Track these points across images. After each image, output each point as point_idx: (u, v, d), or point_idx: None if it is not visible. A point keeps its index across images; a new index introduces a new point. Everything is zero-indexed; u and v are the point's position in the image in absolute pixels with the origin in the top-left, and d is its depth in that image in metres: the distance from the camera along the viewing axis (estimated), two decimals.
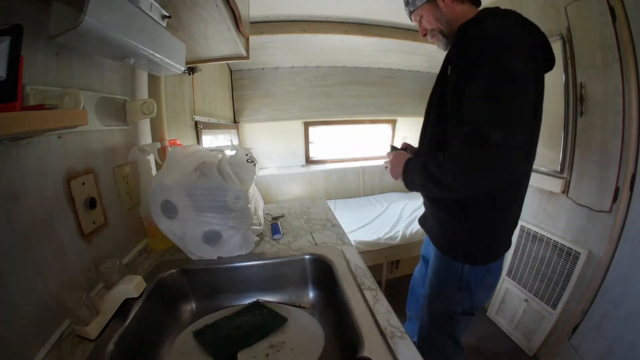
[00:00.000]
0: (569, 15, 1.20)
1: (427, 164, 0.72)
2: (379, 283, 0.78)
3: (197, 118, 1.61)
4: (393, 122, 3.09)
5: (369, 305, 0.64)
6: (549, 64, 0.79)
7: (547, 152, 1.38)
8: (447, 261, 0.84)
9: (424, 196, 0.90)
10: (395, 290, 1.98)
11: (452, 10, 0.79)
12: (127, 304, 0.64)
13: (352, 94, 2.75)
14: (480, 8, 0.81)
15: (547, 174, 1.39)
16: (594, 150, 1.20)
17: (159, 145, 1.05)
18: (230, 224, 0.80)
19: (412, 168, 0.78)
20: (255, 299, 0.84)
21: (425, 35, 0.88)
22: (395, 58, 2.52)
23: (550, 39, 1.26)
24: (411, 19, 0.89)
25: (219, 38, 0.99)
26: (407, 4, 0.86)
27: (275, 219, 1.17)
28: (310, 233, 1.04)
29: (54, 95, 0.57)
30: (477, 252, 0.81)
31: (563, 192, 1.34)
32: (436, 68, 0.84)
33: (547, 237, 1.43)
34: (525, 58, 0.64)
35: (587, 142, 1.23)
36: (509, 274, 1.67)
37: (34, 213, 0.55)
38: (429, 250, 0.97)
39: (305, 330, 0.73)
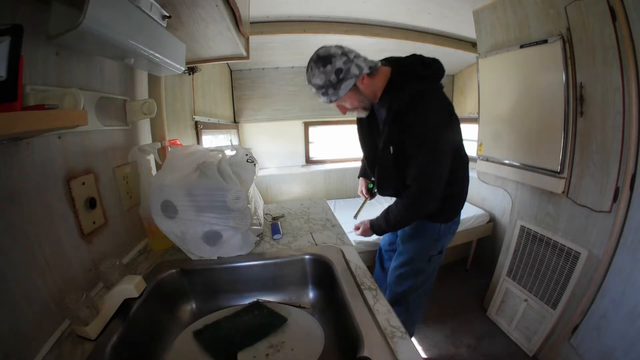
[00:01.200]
0: (569, 15, 1.20)
1: (388, 216, 1.08)
2: None
3: (197, 118, 1.62)
4: None
5: (368, 305, 0.64)
6: (440, 75, 0.98)
7: (547, 152, 1.38)
8: (427, 224, 1.14)
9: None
10: None
11: (370, 87, 0.95)
12: (127, 304, 0.64)
13: None
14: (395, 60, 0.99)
15: (547, 174, 1.39)
16: (594, 150, 1.20)
17: (159, 145, 1.05)
18: (230, 224, 0.80)
19: (377, 224, 1.13)
20: (255, 299, 0.84)
21: (345, 112, 1.04)
22: None
23: (550, 39, 1.27)
24: (329, 104, 0.99)
25: (219, 38, 0.99)
26: (325, 94, 0.93)
27: (275, 219, 1.17)
28: (310, 233, 1.04)
29: (54, 95, 0.57)
30: (447, 215, 1.14)
31: (563, 192, 1.34)
32: None
33: (547, 237, 1.43)
34: (446, 138, 0.93)
35: (587, 142, 1.23)
36: (509, 274, 1.67)
37: (34, 213, 0.55)
38: None
39: (305, 330, 0.73)
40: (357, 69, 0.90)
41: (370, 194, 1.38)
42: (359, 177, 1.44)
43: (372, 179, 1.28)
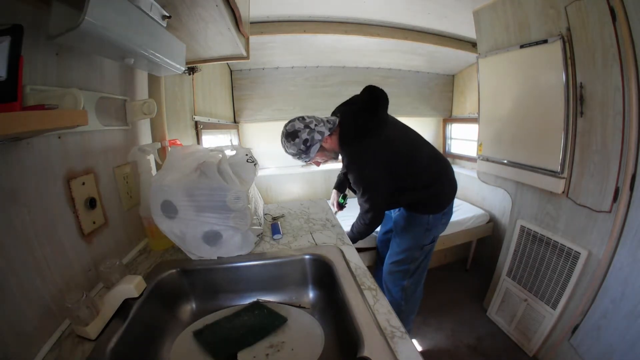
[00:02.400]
0: (569, 15, 1.20)
1: (352, 230, 1.32)
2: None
3: (197, 118, 1.61)
4: None
5: (369, 305, 0.64)
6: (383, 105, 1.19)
7: (547, 152, 1.38)
8: (416, 216, 1.31)
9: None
10: None
11: (332, 143, 1.20)
12: (127, 304, 0.64)
13: (352, 94, 2.75)
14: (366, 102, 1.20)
15: (547, 174, 1.39)
16: (594, 150, 1.20)
17: (159, 145, 1.05)
18: (230, 224, 0.80)
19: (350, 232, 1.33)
20: (255, 299, 0.84)
21: (319, 165, 1.32)
22: (395, 58, 2.52)
23: (550, 39, 1.27)
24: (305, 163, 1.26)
25: (219, 38, 0.99)
26: (299, 158, 1.20)
27: (275, 219, 1.17)
28: (310, 233, 1.04)
29: (54, 95, 0.57)
30: (432, 209, 1.29)
31: (563, 192, 1.34)
32: (436, 68, 0.87)
33: (547, 237, 1.43)
34: (381, 170, 1.15)
35: (587, 142, 1.23)
36: (509, 274, 1.67)
37: (34, 213, 0.55)
38: (397, 216, 1.42)
39: (305, 330, 0.73)
40: (319, 134, 1.14)
41: (340, 207, 1.55)
42: (333, 189, 1.61)
43: (345, 192, 1.54)
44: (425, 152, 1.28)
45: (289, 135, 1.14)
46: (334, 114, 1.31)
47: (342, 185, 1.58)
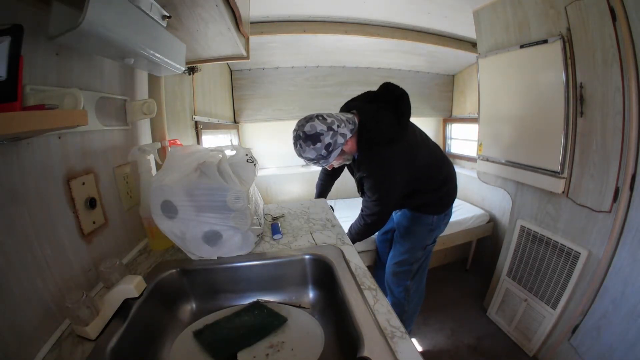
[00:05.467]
0: (569, 15, 1.20)
1: (350, 231, 1.26)
2: None
3: (197, 118, 1.62)
4: None
5: (369, 305, 0.64)
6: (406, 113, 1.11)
7: (547, 152, 1.38)
8: (421, 216, 1.31)
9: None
10: None
11: (351, 146, 1.08)
12: (127, 304, 0.64)
13: (352, 94, 2.74)
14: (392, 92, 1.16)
15: (547, 174, 1.39)
16: (594, 150, 1.20)
17: (159, 145, 1.05)
18: (230, 224, 0.80)
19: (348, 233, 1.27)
20: (255, 299, 0.84)
21: (332, 168, 1.24)
22: (395, 58, 2.52)
23: (550, 39, 1.27)
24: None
25: (219, 38, 0.99)
26: (316, 164, 1.08)
27: (275, 219, 1.16)
28: (310, 233, 1.03)
29: (54, 95, 0.57)
30: (439, 209, 1.31)
31: (563, 192, 1.34)
32: (436, 68, 0.87)
33: (547, 237, 1.43)
34: (401, 171, 1.11)
35: (587, 142, 1.23)
36: (509, 274, 1.67)
37: (34, 213, 0.55)
38: (400, 217, 1.42)
39: (305, 330, 0.73)
40: (342, 137, 1.02)
41: None
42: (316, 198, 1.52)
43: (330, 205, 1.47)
44: (437, 155, 1.27)
45: (309, 139, 0.99)
46: (346, 110, 1.20)
47: (324, 194, 1.53)
